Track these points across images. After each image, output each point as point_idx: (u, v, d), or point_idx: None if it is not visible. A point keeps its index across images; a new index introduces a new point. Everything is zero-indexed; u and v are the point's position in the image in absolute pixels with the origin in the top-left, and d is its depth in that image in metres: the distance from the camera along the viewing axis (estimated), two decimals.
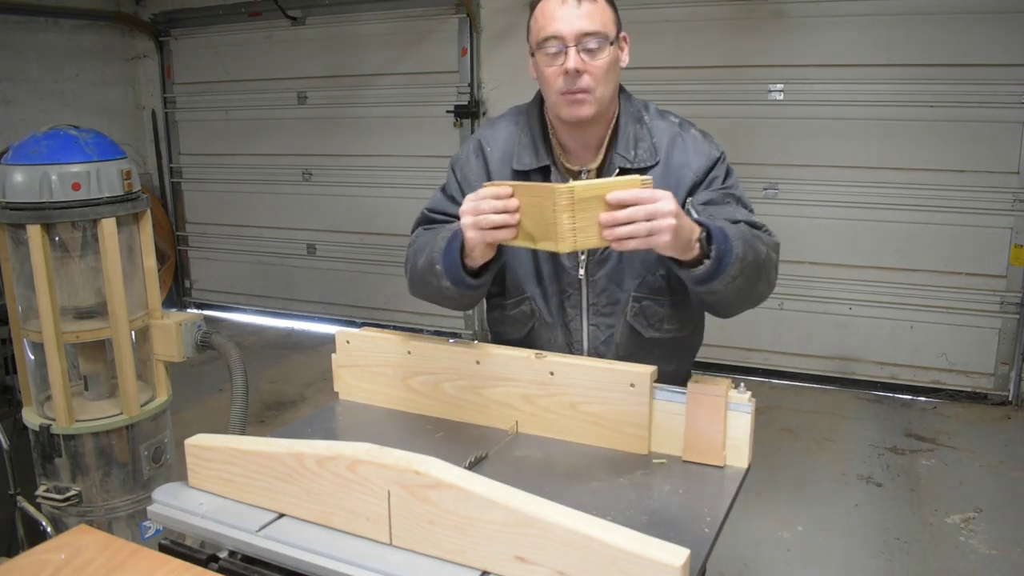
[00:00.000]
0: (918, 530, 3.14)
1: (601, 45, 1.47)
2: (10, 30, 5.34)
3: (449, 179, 1.70)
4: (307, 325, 6.17)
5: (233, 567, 1.20)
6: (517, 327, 1.71)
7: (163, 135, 6.44)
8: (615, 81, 1.54)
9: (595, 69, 1.47)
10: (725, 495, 1.34)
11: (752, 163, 4.62)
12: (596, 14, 1.47)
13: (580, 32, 1.45)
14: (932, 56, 4.19)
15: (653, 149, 1.56)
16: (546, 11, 1.48)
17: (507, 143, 1.64)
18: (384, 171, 5.65)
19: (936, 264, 4.41)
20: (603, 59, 1.47)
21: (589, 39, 1.46)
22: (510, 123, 1.67)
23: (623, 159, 1.55)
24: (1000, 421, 4.21)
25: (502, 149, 1.64)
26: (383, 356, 1.69)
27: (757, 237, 1.44)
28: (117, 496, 2.28)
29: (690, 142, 1.57)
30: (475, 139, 1.69)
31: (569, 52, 1.46)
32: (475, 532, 1.09)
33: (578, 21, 1.45)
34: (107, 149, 2.18)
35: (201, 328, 2.34)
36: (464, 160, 1.68)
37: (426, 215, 1.71)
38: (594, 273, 1.61)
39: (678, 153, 1.56)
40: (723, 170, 1.57)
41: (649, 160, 1.55)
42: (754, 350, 4.86)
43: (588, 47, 1.46)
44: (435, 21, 5.31)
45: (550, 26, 1.47)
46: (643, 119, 1.59)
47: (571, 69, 1.45)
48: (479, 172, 1.65)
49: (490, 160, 1.65)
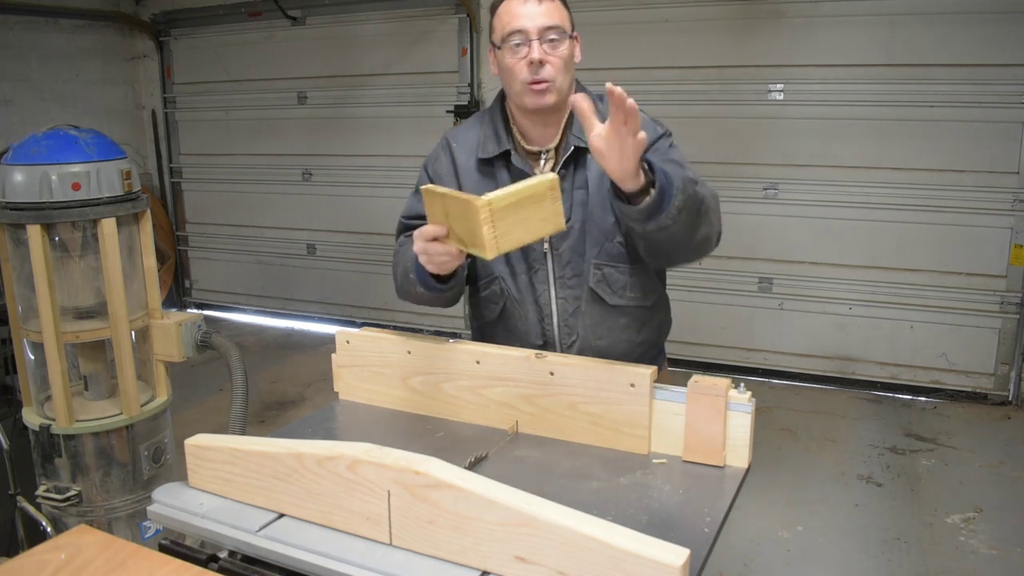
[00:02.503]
0: (918, 530, 3.14)
1: (561, 38, 1.62)
2: (10, 30, 5.34)
3: (421, 178, 1.81)
4: (307, 325, 6.17)
5: (233, 567, 1.20)
6: (490, 308, 1.79)
7: (163, 135, 6.44)
8: (572, 73, 1.68)
9: (556, 60, 1.61)
10: (725, 495, 1.34)
11: (752, 163, 4.63)
12: (554, 11, 1.63)
13: (542, 26, 1.60)
14: (932, 56, 4.19)
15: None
16: (510, 9, 1.64)
17: (472, 139, 1.76)
18: (384, 171, 5.65)
19: (936, 264, 4.41)
20: (563, 51, 1.62)
21: (550, 32, 1.61)
22: (476, 121, 1.81)
23: (578, 139, 1.65)
24: (1000, 421, 4.21)
25: (468, 144, 1.76)
26: (383, 356, 1.69)
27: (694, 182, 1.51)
28: (117, 496, 2.28)
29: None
30: (443, 138, 1.83)
31: (533, 45, 1.60)
32: (475, 532, 1.09)
33: (540, 17, 1.61)
34: (107, 149, 2.18)
35: (201, 328, 2.34)
36: (434, 158, 1.81)
37: (403, 223, 1.82)
38: (558, 246, 1.70)
39: None
40: (667, 143, 1.69)
41: None
42: (754, 350, 4.86)
43: (549, 39, 1.61)
44: (435, 21, 5.31)
45: (515, 22, 1.62)
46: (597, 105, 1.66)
47: (535, 59, 1.60)
48: (448, 167, 1.77)
49: (456, 155, 1.77)
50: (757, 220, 4.68)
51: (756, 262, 4.74)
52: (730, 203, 4.73)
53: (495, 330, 1.80)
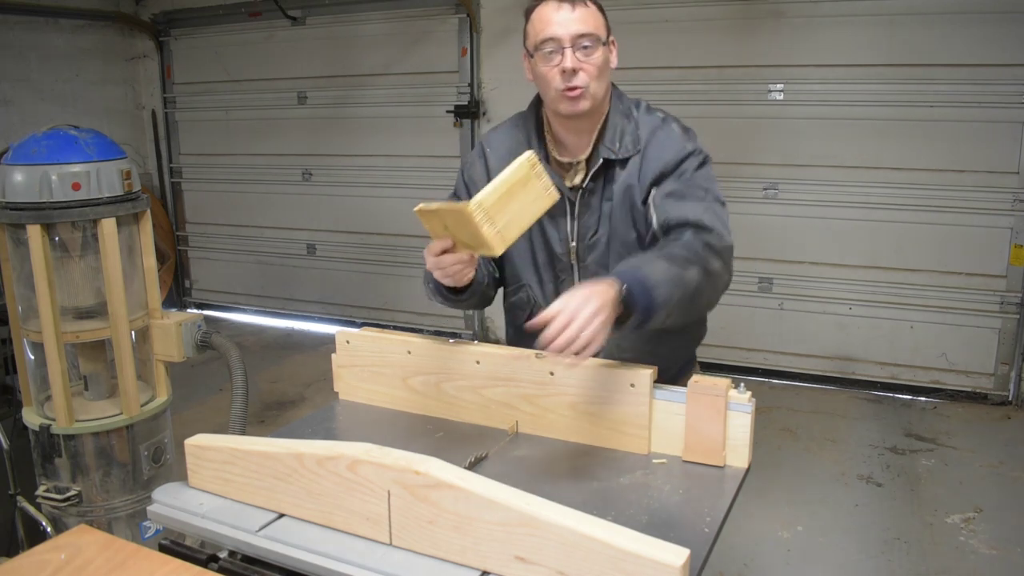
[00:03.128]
0: (918, 530, 3.14)
1: (594, 45, 1.58)
2: (10, 30, 5.34)
3: (458, 182, 1.82)
4: (307, 325, 6.17)
5: (233, 567, 1.20)
6: (519, 313, 1.80)
7: (163, 135, 6.44)
8: (607, 79, 1.65)
9: (589, 67, 1.58)
10: (725, 495, 1.34)
11: (752, 163, 4.63)
12: (589, 18, 1.60)
13: (575, 34, 1.57)
14: (932, 56, 4.19)
15: (636, 140, 1.65)
16: (543, 16, 1.60)
17: (507, 143, 1.75)
18: (384, 171, 5.65)
19: (936, 264, 4.40)
20: (596, 58, 1.59)
21: (583, 39, 1.57)
22: (511, 126, 1.79)
23: (608, 151, 1.65)
24: (1000, 421, 4.21)
25: (502, 149, 1.74)
26: (383, 356, 1.69)
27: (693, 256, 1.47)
28: (117, 496, 2.28)
29: (668, 134, 1.65)
30: (479, 143, 1.83)
31: (566, 52, 1.57)
32: (475, 532, 1.09)
33: (573, 24, 1.57)
34: (107, 149, 2.18)
35: (201, 328, 2.34)
36: (470, 163, 1.81)
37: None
38: (584, 258, 1.71)
39: (655, 143, 1.65)
40: (694, 163, 1.63)
41: (631, 150, 1.65)
42: (754, 350, 4.86)
43: (583, 46, 1.57)
44: (435, 21, 5.31)
45: (547, 29, 1.58)
46: (632, 114, 1.69)
47: (568, 68, 1.57)
48: (481, 172, 1.76)
49: (490, 160, 1.76)
50: (757, 220, 4.67)
51: (756, 262, 4.74)
52: (730, 203, 4.67)
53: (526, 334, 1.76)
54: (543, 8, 1.61)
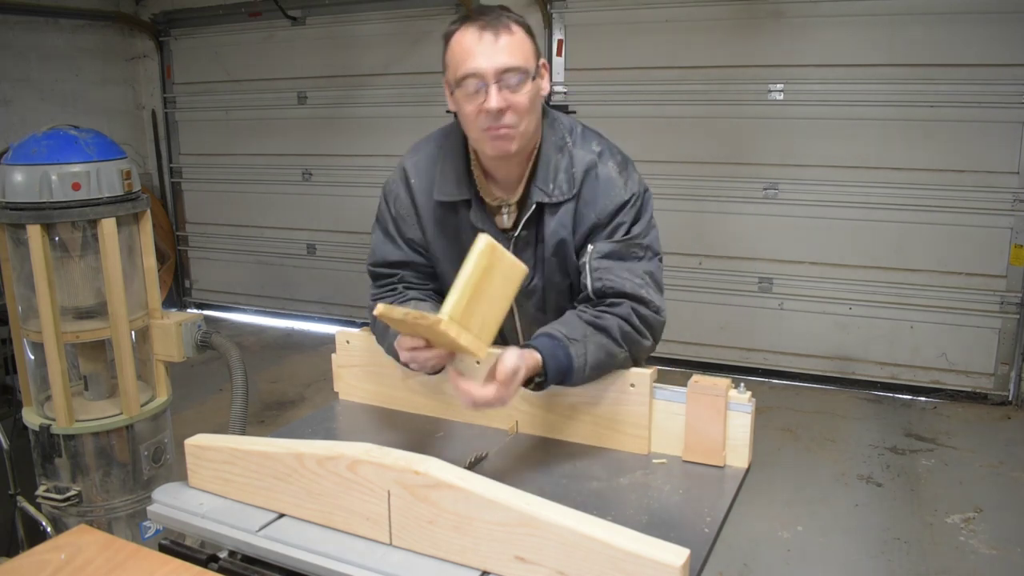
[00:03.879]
0: (918, 530, 3.14)
1: (522, 81, 1.41)
2: (10, 30, 5.34)
3: (383, 214, 1.66)
4: (307, 325, 6.17)
5: (233, 567, 1.20)
6: None
7: (163, 135, 6.44)
8: (538, 113, 1.50)
9: (518, 105, 1.41)
10: (725, 495, 1.34)
11: (752, 163, 4.63)
12: (515, 47, 1.41)
13: (500, 68, 1.39)
14: (932, 56, 4.19)
15: (571, 180, 1.51)
16: (463, 44, 1.41)
17: (429, 170, 1.59)
18: (384, 171, 5.60)
19: (936, 264, 4.40)
20: (525, 94, 1.42)
21: (510, 75, 1.40)
22: (433, 147, 1.62)
23: (542, 192, 1.51)
24: (1000, 421, 4.21)
25: (425, 178, 1.59)
26: (383, 356, 1.68)
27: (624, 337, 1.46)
28: (117, 496, 2.28)
29: (602, 179, 1.51)
30: (400, 167, 1.64)
31: (490, 90, 1.39)
32: (475, 532, 1.09)
33: (497, 56, 1.39)
34: (107, 149, 2.18)
35: (201, 328, 2.34)
36: (395, 194, 1.63)
37: (374, 272, 1.69)
38: (523, 304, 1.63)
39: (588, 188, 1.51)
40: (631, 214, 1.51)
41: (567, 193, 1.51)
42: (754, 350, 4.86)
43: (509, 82, 1.40)
44: (435, 21, 5.30)
45: (469, 62, 1.39)
46: (565, 145, 1.54)
47: (492, 109, 1.39)
48: (407, 205, 1.61)
49: (415, 192, 1.60)
50: (757, 220, 4.68)
51: (756, 262, 4.74)
52: (730, 203, 4.75)
53: None
54: (463, 35, 1.41)
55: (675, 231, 4.77)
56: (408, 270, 1.65)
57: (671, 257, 4.86)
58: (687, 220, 4.78)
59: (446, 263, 1.61)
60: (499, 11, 1.44)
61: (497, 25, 1.41)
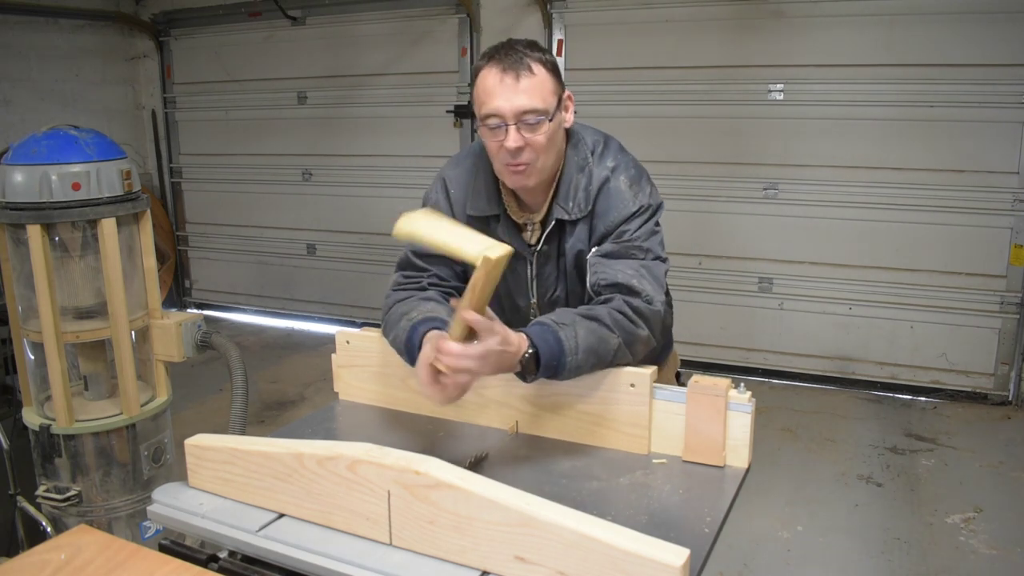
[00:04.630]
0: (918, 530, 3.14)
1: (541, 121, 1.48)
2: (10, 30, 5.34)
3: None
4: (307, 325, 6.17)
5: (233, 567, 1.20)
6: None
7: (163, 135, 6.44)
8: (557, 147, 1.57)
9: (535, 143, 1.49)
10: (725, 495, 1.34)
11: (752, 163, 4.63)
12: (535, 89, 1.48)
13: (519, 110, 1.47)
14: (932, 56, 4.19)
15: (588, 198, 1.60)
16: (486, 85, 1.50)
17: (467, 183, 1.68)
18: (384, 171, 5.65)
19: (936, 264, 4.40)
20: (543, 133, 1.49)
21: (528, 115, 1.48)
22: (469, 163, 1.70)
23: (562, 210, 1.59)
24: (1000, 421, 4.21)
25: (462, 190, 1.68)
26: (383, 356, 1.69)
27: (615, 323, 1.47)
28: (117, 496, 2.28)
29: (613, 193, 1.59)
30: (440, 178, 1.73)
31: (509, 130, 1.48)
32: (475, 532, 1.09)
33: (517, 98, 1.47)
34: (107, 149, 2.18)
35: (201, 328, 2.34)
36: (434, 202, 1.71)
37: (409, 259, 1.72)
38: (545, 311, 1.64)
39: (600, 202, 1.59)
40: (638, 223, 1.58)
41: (584, 210, 1.59)
42: (754, 350, 4.86)
43: (527, 122, 1.48)
44: (435, 21, 5.30)
45: (490, 102, 1.49)
46: (587, 166, 1.61)
47: (511, 148, 1.49)
48: (446, 211, 1.68)
49: (454, 201, 1.69)
50: (757, 220, 4.68)
51: (756, 262, 4.74)
52: (730, 203, 4.75)
53: None
54: (486, 75, 1.50)
55: (675, 231, 4.74)
56: (441, 267, 1.69)
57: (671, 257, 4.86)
58: (687, 220, 4.78)
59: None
60: (523, 52, 1.50)
61: (519, 67, 1.48)
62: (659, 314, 1.56)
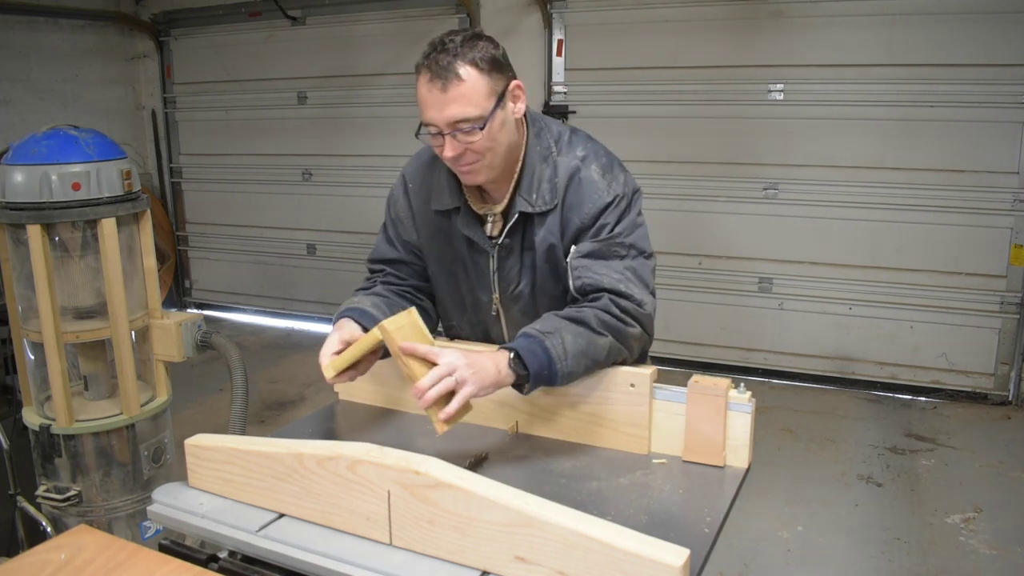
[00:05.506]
0: (918, 530, 3.14)
1: (474, 129, 1.43)
2: (10, 30, 5.34)
3: (386, 216, 1.75)
4: (307, 325, 6.17)
5: (233, 567, 1.20)
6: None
7: (163, 135, 6.44)
8: (505, 141, 1.50)
9: (475, 147, 1.45)
10: (725, 495, 1.34)
11: (752, 163, 4.63)
12: (465, 97, 1.42)
13: (450, 120, 1.43)
14: (932, 56, 4.19)
15: (554, 189, 1.54)
16: (420, 93, 1.47)
17: (426, 177, 1.67)
18: (384, 171, 5.63)
19: (936, 264, 4.40)
20: (479, 138, 1.44)
21: (460, 125, 1.43)
22: (428, 156, 1.68)
23: (524, 202, 1.54)
24: (1000, 421, 4.21)
25: (421, 183, 1.68)
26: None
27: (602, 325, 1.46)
28: (117, 496, 2.28)
29: (585, 183, 1.53)
30: (401, 175, 1.73)
31: (445, 139, 1.45)
32: (475, 532, 1.09)
33: (448, 108, 1.43)
34: (107, 149, 2.18)
35: (201, 328, 2.34)
36: (395, 199, 1.73)
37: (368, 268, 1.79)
38: (509, 308, 1.66)
39: (571, 193, 1.54)
40: (615, 215, 1.52)
41: (550, 203, 1.54)
42: (754, 350, 4.86)
43: (462, 129, 1.44)
44: (435, 21, 5.30)
45: (424, 112, 1.47)
46: (550, 156, 1.56)
47: (448, 158, 1.47)
48: (405, 209, 1.70)
49: (412, 196, 1.69)
50: (757, 220, 4.68)
51: (756, 262, 4.74)
52: (730, 203, 4.75)
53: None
54: (419, 82, 1.47)
55: (675, 231, 4.78)
56: (396, 268, 1.73)
57: (671, 257, 4.89)
58: (687, 220, 4.78)
59: (437, 265, 1.70)
60: (454, 55, 1.43)
61: (446, 75, 1.42)
62: (649, 316, 1.54)
